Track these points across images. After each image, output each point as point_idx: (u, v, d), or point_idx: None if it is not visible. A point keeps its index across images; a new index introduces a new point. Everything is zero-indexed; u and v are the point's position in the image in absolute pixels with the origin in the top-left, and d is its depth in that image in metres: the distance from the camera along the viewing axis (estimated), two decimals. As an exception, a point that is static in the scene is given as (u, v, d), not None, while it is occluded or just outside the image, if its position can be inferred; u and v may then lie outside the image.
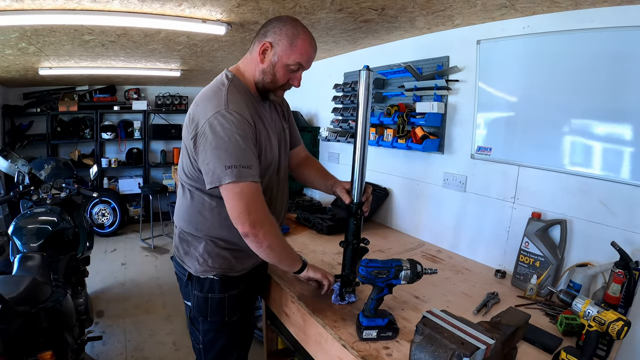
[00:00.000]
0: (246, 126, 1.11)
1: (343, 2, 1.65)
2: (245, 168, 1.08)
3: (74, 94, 5.03)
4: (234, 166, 1.07)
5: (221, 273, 1.28)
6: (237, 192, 1.09)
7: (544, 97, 1.60)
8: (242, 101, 1.16)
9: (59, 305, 1.72)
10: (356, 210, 1.25)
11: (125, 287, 3.48)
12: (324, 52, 2.76)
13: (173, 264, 1.42)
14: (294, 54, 1.18)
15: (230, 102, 1.11)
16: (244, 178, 1.08)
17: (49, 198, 2.32)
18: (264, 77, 1.22)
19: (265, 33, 1.20)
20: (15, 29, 2.18)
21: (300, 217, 2.35)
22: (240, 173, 1.07)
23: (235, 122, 1.09)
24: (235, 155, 1.08)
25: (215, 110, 1.09)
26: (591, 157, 1.48)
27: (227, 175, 1.07)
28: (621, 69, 1.36)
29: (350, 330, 1.18)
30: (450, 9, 1.66)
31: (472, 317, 1.29)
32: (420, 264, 1.09)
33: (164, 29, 2.15)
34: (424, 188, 2.18)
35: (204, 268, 1.27)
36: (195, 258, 1.28)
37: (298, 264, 1.31)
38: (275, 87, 1.25)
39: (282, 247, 1.23)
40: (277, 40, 1.17)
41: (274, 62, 1.19)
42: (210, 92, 1.18)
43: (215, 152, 1.08)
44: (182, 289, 1.38)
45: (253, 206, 1.10)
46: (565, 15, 1.50)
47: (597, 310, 1.02)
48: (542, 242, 1.53)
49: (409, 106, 2.16)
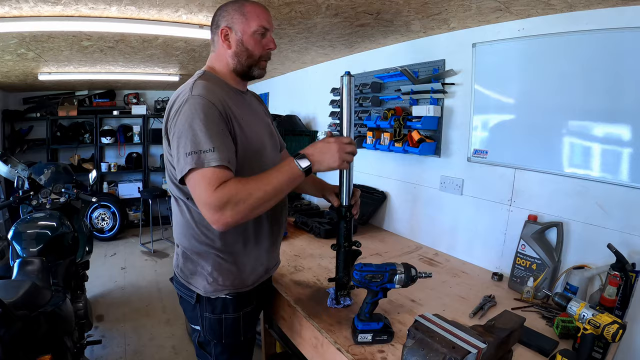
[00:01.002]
0: (209, 108, 1.01)
1: (338, 7, 1.66)
2: (206, 152, 0.96)
3: (74, 99, 5.05)
4: (193, 152, 0.96)
5: (234, 291, 1.19)
6: (195, 180, 0.97)
7: (540, 100, 1.60)
8: (211, 86, 1.08)
9: (58, 310, 1.73)
10: (345, 212, 1.25)
11: (125, 291, 3.48)
12: (322, 56, 2.77)
13: (174, 286, 1.29)
14: (251, 21, 1.15)
15: (194, 88, 1.05)
16: (206, 163, 0.95)
17: (48, 203, 2.33)
18: (239, 57, 1.18)
19: (217, 23, 1.18)
20: (14, 35, 2.20)
21: (298, 222, 2.36)
22: (200, 158, 0.96)
23: (197, 106, 1.00)
24: (194, 140, 0.97)
25: (180, 101, 1.04)
26: (588, 159, 1.48)
27: (187, 164, 0.96)
28: (617, 70, 1.36)
29: (345, 334, 1.18)
30: (445, 12, 1.66)
31: (468, 321, 1.29)
32: (415, 268, 1.10)
33: (161, 35, 2.17)
34: (421, 191, 2.18)
35: (215, 287, 1.17)
36: (204, 277, 1.17)
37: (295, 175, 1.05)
38: (256, 60, 1.19)
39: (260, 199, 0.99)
40: (231, 21, 1.15)
41: (240, 38, 1.16)
42: (181, 89, 1.13)
43: (178, 141, 1.00)
44: (189, 312, 1.26)
45: (208, 190, 0.95)
46: (560, 17, 1.51)
47: (592, 313, 1.02)
48: (538, 245, 1.53)
49: (406, 110, 2.16)
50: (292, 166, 1.04)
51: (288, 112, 3.52)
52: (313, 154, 1.07)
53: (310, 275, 1.64)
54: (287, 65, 3.26)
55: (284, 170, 1.04)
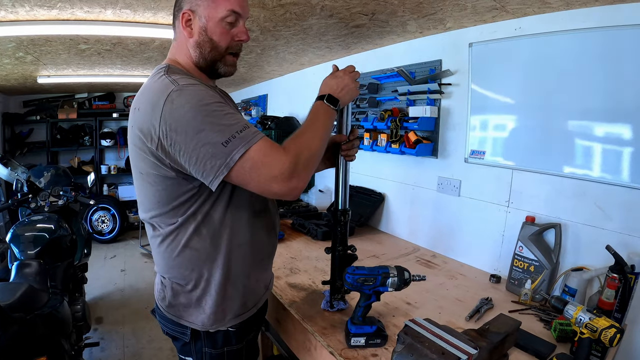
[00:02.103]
0: (210, 94, 0.88)
1: (333, 8, 1.65)
2: (241, 132, 0.84)
3: (73, 102, 5.08)
4: (231, 137, 0.83)
5: (238, 321, 1.04)
6: (255, 159, 0.84)
7: (538, 100, 1.59)
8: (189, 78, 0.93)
9: (55, 312, 1.73)
10: (340, 217, 1.24)
11: (124, 294, 3.48)
12: (318, 57, 2.76)
13: (158, 320, 1.11)
14: (219, 5, 0.95)
15: (177, 79, 0.88)
16: (250, 142, 0.84)
17: (47, 206, 2.35)
18: (202, 49, 0.98)
19: (180, 4, 0.98)
20: (12, 39, 2.21)
21: (295, 223, 2.35)
22: (245, 138, 0.84)
23: (198, 92, 0.86)
24: (222, 126, 0.84)
25: (164, 100, 0.84)
26: (586, 160, 1.46)
27: (232, 152, 0.82)
28: (616, 68, 1.34)
29: (339, 337, 1.17)
30: (441, 12, 1.65)
31: (464, 324, 1.28)
32: (408, 271, 1.08)
33: (158, 38, 2.17)
34: (418, 193, 2.17)
35: (214, 320, 1.01)
36: (202, 310, 1.01)
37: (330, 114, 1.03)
38: (221, 54, 1.00)
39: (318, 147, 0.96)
40: (195, 3, 0.95)
41: (204, 25, 0.96)
42: (147, 89, 0.93)
43: (200, 137, 0.83)
44: (181, 347, 1.09)
45: (280, 157, 0.86)
46: (557, 15, 1.49)
47: (589, 317, 1.01)
48: (536, 247, 1.51)
49: (403, 110, 2.15)
50: (326, 107, 1.02)
51: (287, 114, 3.51)
52: (336, 91, 1.06)
53: (306, 278, 1.63)
54: (285, 67, 3.25)
55: (322, 114, 1.02)
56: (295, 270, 1.72)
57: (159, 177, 0.91)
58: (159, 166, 0.89)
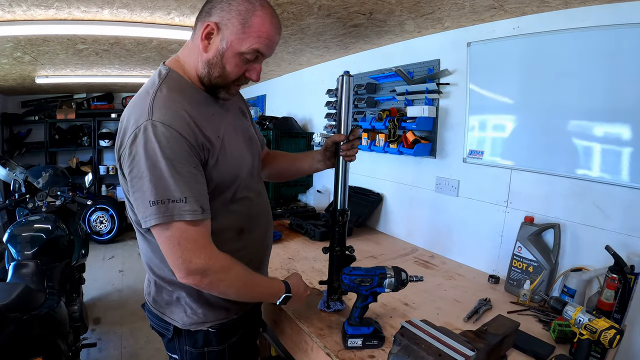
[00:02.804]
0: (176, 141, 0.82)
1: (330, 7, 1.64)
2: (175, 202, 0.81)
3: (72, 102, 5.07)
4: (160, 201, 0.81)
5: (217, 324, 1.03)
6: (167, 237, 0.84)
7: (537, 99, 1.58)
8: (177, 105, 0.86)
9: (52, 313, 1.73)
10: (338, 217, 1.23)
11: (122, 294, 3.47)
12: (317, 57, 2.75)
13: (146, 314, 1.12)
14: (248, 38, 0.87)
15: (155, 108, 0.83)
16: (176, 216, 0.82)
17: (44, 206, 2.34)
18: (210, 70, 0.91)
19: (210, 10, 0.88)
20: (9, 39, 2.20)
21: (293, 224, 2.34)
22: (169, 210, 0.81)
23: (160, 138, 0.81)
24: (160, 185, 0.81)
25: (136, 126, 0.82)
26: (585, 159, 1.46)
27: (153, 215, 0.82)
28: (615, 67, 1.34)
29: (336, 338, 1.16)
30: (439, 11, 1.65)
31: (462, 325, 1.27)
32: (405, 272, 1.07)
33: (155, 37, 2.16)
34: (417, 193, 2.16)
35: (194, 319, 1.01)
36: (182, 308, 1.01)
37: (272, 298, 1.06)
38: (227, 83, 0.95)
39: (240, 289, 0.96)
40: (226, 20, 0.86)
41: (222, 50, 0.88)
42: (137, 99, 0.90)
43: (138, 182, 0.82)
44: (166, 343, 1.10)
45: (188, 254, 0.84)
46: (556, 14, 1.49)
47: (589, 318, 1.00)
48: (535, 247, 1.50)
49: (401, 110, 2.14)
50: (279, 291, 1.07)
51: (285, 114, 3.51)
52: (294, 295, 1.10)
53: (303, 278, 1.61)
54: (283, 67, 3.25)
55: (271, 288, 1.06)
56: (293, 270, 1.70)
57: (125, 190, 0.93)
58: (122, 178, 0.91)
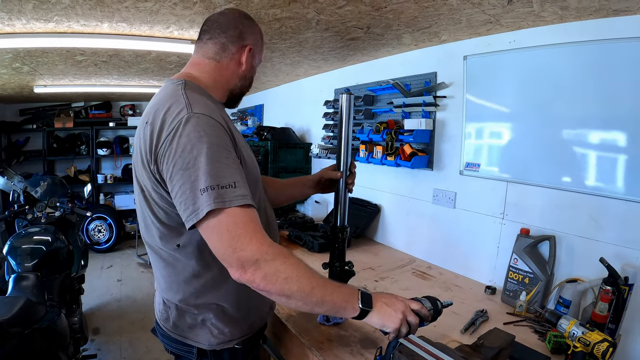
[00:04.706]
0: (220, 130, 0.83)
1: (328, 22, 1.67)
2: (225, 188, 0.78)
3: (70, 111, 5.08)
4: (211, 187, 0.77)
5: (244, 338, 1.04)
6: (216, 225, 0.79)
7: (532, 113, 1.60)
8: (208, 101, 0.89)
9: (53, 325, 1.73)
10: (338, 234, 1.24)
11: (121, 304, 3.46)
12: (314, 68, 2.78)
13: (160, 339, 1.08)
14: (261, 53, 1.10)
15: (193, 103, 0.84)
16: (227, 202, 0.77)
17: (43, 217, 2.34)
18: (244, 82, 1.08)
19: (241, 35, 1.02)
20: (9, 51, 2.22)
21: (291, 235, 2.34)
22: (219, 195, 0.77)
23: (204, 127, 0.81)
24: (210, 172, 0.78)
25: (177, 120, 0.81)
26: (581, 172, 1.48)
27: (205, 203, 0.77)
28: (610, 81, 1.36)
29: (335, 351, 1.17)
30: (436, 25, 1.67)
31: (459, 337, 1.28)
32: (439, 300, 1.01)
33: (154, 50, 2.18)
34: (414, 204, 2.18)
35: (221, 339, 1.00)
36: (207, 330, 0.99)
37: (349, 306, 0.89)
38: (245, 91, 1.12)
39: (303, 285, 0.84)
40: (256, 42, 1.06)
41: (255, 64, 1.09)
42: (159, 103, 0.88)
43: (185, 173, 0.79)
44: None
45: (239, 240, 0.78)
46: (551, 28, 1.51)
47: (582, 331, 1.02)
48: (531, 259, 1.52)
49: (398, 123, 2.17)
50: (354, 300, 0.89)
51: (282, 124, 3.53)
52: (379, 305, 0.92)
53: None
54: (281, 77, 3.27)
55: (343, 294, 0.89)
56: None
57: (158, 194, 0.88)
58: (157, 184, 0.87)
